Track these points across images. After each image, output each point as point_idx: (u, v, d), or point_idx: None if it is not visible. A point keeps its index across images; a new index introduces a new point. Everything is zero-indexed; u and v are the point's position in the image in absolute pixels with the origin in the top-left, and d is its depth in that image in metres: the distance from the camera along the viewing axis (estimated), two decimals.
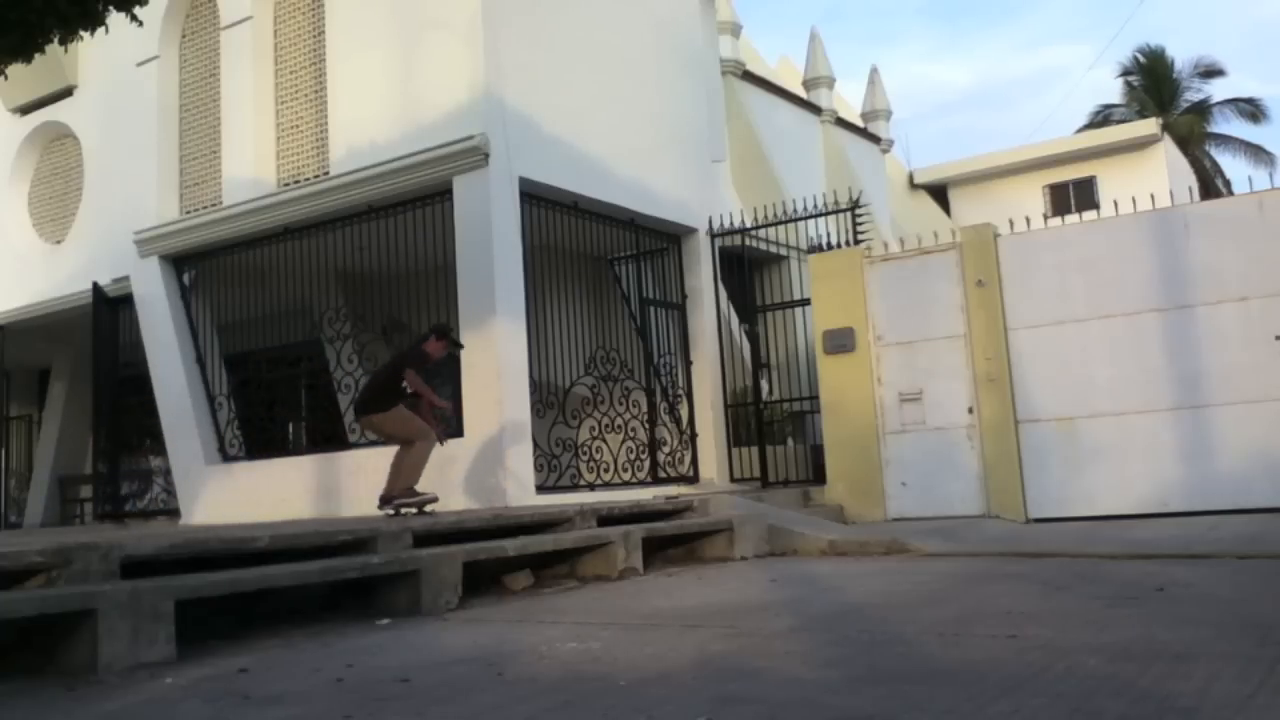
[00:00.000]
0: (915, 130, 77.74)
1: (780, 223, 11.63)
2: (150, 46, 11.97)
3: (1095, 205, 18.57)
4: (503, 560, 6.49)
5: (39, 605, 4.14)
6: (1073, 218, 12.19)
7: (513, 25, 9.89)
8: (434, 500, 8.20)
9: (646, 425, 11.04)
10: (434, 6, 9.99)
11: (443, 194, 9.78)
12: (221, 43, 11.68)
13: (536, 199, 10.04)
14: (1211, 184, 28.35)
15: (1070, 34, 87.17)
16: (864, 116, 19.33)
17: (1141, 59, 31.99)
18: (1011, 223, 9.87)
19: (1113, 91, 43.85)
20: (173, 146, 12.13)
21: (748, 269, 12.19)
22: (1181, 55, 32.60)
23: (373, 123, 10.21)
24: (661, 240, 11.86)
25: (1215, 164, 30.78)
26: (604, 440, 10.40)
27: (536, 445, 9.56)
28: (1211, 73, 31.44)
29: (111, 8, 6.65)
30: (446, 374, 9.99)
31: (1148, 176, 18.39)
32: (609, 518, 7.81)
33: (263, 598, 5.20)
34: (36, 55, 6.80)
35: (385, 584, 5.64)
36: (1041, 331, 9.61)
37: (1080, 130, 28.83)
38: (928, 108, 75.94)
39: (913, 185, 21.85)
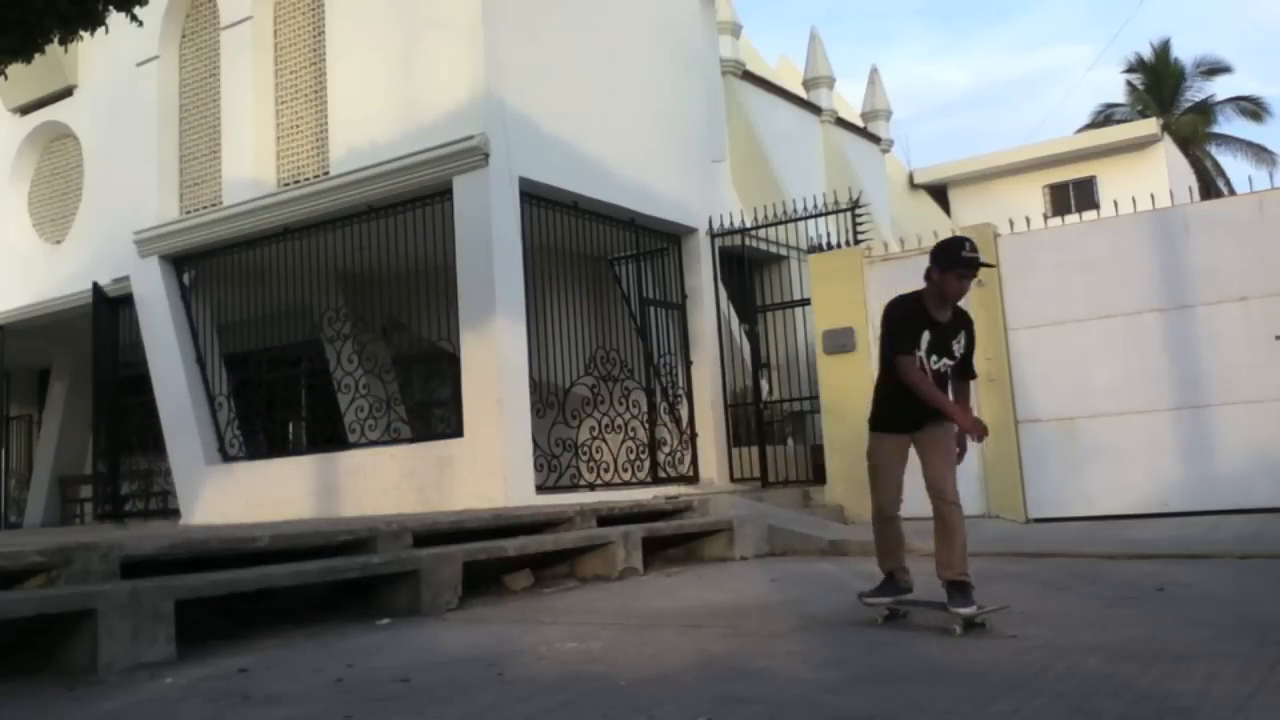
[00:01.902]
0: (915, 130, 77.84)
1: (780, 223, 11.62)
2: (150, 46, 11.96)
3: (1095, 205, 18.56)
4: (503, 560, 6.49)
5: (39, 605, 4.14)
6: (1073, 218, 12.17)
7: (513, 25, 9.89)
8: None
9: (646, 425, 11.03)
10: (434, 6, 9.98)
11: (443, 194, 9.77)
12: (221, 43, 11.67)
13: (536, 199, 10.04)
14: (1212, 184, 28.32)
15: (1070, 34, 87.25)
16: (864, 116, 19.33)
17: (1149, 54, 31.82)
18: (1011, 223, 9.87)
19: (1114, 90, 43.89)
20: (173, 146, 12.12)
21: (748, 269, 12.17)
22: (1184, 55, 32.30)
23: (373, 123, 10.20)
24: (661, 240, 11.85)
25: (1216, 164, 30.73)
26: (604, 440, 10.39)
27: (536, 445, 9.56)
28: (1215, 70, 31.28)
29: (111, 8, 6.64)
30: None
31: (1148, 176, 18.38)
32: (609, 518, 7.81)
33: (263, 598, 5.20)
34: (36, 55, 6.79)
35: (385, 584, 5.64)
36: (1041, 331, 9.61)
37: (1081, 130, 28.79)
38: (928, 108, 76.01)
39: (913, 185, 21.84)
